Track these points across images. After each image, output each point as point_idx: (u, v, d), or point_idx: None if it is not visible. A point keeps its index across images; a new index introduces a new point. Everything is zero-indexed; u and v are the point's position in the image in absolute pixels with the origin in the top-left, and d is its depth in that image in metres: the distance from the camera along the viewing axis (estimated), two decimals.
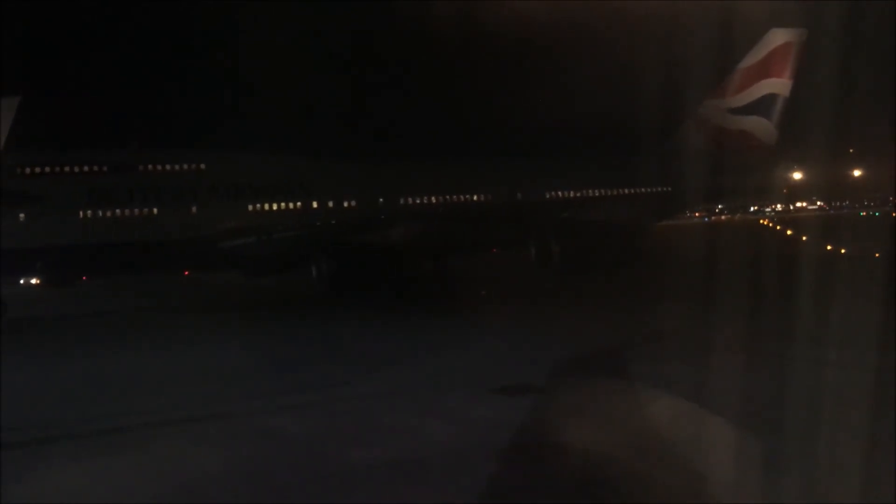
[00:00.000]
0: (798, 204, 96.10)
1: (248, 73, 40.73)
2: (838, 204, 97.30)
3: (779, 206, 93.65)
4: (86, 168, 31.33)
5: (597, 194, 41.28)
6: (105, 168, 31.69)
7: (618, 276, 32.60)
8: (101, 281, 36.84)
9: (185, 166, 33.13)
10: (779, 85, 42.73)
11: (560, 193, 40.58)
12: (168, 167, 32.89)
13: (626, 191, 41.94)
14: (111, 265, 32.12)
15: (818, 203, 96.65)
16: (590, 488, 9.09)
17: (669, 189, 42.09)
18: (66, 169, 31.04)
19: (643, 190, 42.12)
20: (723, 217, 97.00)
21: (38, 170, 30.55)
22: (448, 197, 38.34)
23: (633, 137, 38.47)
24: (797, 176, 49.47)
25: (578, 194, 40.86)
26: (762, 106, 42.76)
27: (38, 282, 36.78)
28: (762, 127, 42.92)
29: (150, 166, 32.61)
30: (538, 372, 15.12)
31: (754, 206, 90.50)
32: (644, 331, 19.53)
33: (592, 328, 20.57)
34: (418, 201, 37.50)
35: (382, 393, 14.41)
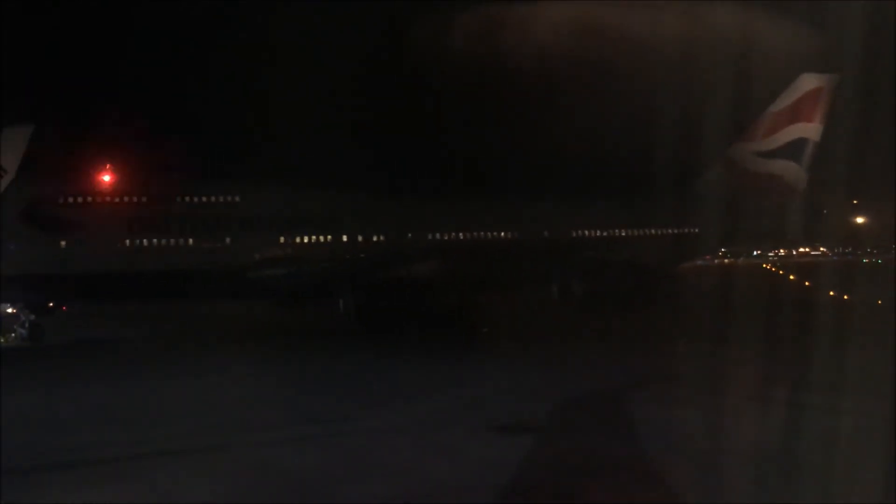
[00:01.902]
0: (801, 249, 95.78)
1: (282, 108, 40.65)
2: (840, 250, 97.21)
3: (781, 250, 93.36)
4: (125, 198, 31.56)
5: (622, 234, 41.27)
6: (143, 198, 32.06)
7: (638, 316, 32.90)
8: (138, 307, 36.52)
9: (221, 198, 33.51)
10: (809, 129, 42.89)
11: (585, 232, 40.56)
12: (204, 198, 33.33)
13: (651, 231, 41.91)
14: (144, 291, 32.02)
15: (821, 249, 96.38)
16: None
17: (694, 231, 42.01)
18: (107, 198, 31.23)
19: (668, 231, 42.10)
20: (726, 261, 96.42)
21: (78, 198, 30.78)
22: (476, 233, 38.23)
23: (660, 178, 38.40)
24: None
25: (604, 233, 40.83)
26: (792, 150, 42.88)
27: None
28: (791, 171, 42.98)
29: (186, 197, 33.06)
30: (542, 410, 16.46)
31: (757, 250, 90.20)
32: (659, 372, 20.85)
33: (608, 368, 22.02)
34: (447, 237, 37.40)
35: (388, 429, 15.17)
